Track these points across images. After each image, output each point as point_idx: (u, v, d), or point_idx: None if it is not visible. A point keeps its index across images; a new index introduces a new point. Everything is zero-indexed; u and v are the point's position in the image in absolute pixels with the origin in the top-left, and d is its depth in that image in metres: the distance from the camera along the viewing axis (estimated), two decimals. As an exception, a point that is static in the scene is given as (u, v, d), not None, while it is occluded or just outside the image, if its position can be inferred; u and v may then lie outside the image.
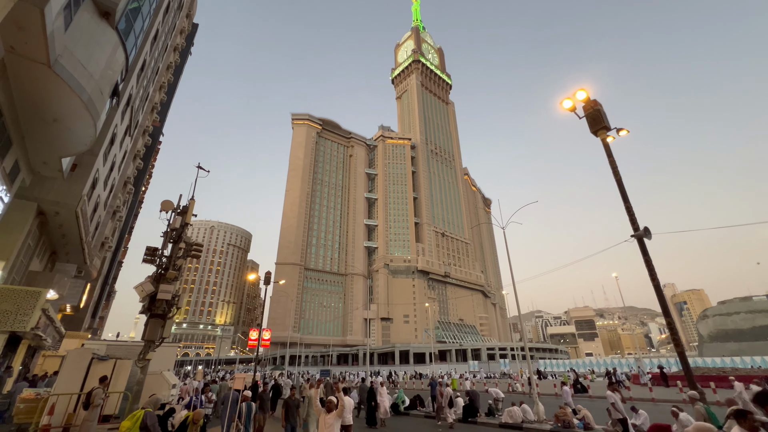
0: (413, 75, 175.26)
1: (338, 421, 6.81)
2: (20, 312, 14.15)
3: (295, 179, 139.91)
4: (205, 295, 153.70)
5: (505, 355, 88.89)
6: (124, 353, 12.87)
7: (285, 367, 46.18)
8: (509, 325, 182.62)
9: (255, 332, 30.04)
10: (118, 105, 17.32)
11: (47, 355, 21.64)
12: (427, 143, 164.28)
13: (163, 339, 10.42)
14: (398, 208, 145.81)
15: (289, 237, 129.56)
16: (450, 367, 70.64)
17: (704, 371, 30.95)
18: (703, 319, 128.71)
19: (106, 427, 10.98)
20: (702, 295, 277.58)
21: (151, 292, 10.19)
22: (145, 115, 29.56)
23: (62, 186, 15.74)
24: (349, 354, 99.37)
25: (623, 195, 12.14)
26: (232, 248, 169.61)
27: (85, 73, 10.86)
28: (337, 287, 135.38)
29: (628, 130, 12.70)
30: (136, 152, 30.27)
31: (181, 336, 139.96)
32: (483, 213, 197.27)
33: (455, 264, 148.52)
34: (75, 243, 19.76)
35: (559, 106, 13.48)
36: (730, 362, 43.94)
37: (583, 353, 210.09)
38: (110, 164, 21.07)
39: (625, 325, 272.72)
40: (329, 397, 7.07)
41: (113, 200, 26.51)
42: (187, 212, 11.51)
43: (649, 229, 11.35)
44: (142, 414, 5.73)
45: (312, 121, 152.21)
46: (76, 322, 29.02)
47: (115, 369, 11.93)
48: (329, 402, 6.97)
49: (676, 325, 11.48)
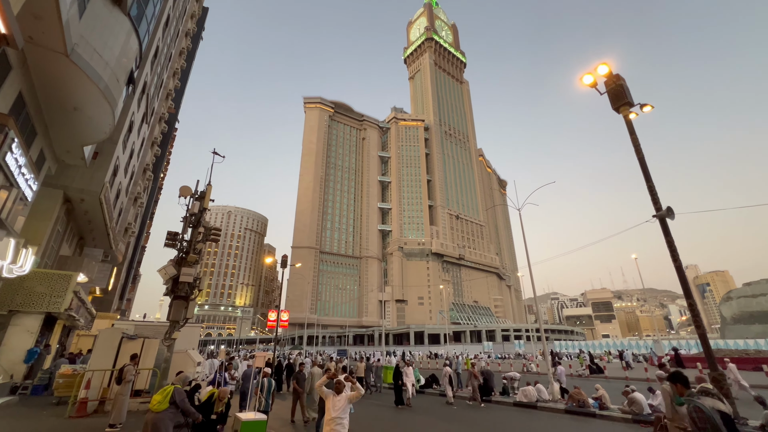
0: (426, 54, 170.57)
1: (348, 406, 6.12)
2: (54, 294, 14.97)
3: (308, 163, 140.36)
4: (224, 278, 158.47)
5: (519, 336, 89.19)
6: (151, 333, 13.50)
7: (303, 346, 47.72)
8: (524, 307, 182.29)
9: (273, 313, 30.94)
10: (134, 92, 17.56)
11: (81, 334, 22.92)
12: (440, 124, 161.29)
13: (187, 319, 10.85)
14: (412, 191, 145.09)
15: (304, 221, 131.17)
16: (465, 348, 71.47)
17: (726, 353, 30.35)
18: (726, 301, 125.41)
19: (138, 401, 11.67)
20: (726, 276, 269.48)
21: (173, 275, 10.56)
22: (160, 102, 29.91)
23: (85, 174, 16.27)
24: (365, 335, 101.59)
25: (645, 174, 11.72)
26: (249, 232, 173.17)
27: (101, 61, 11.00)
28: (352, 270, 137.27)
29: (652, 105, 12.14)
30: (153, 139, 30.83)
31: (203, 317, 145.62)
32: (498, 195, 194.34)
33: (469, 246, 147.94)
34: (100, 228, 20.54)
35: (579, 82, 12.95)
36: (754, 344, 42.91)
37: (599, 335, 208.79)
38: (129, 152, 21.57)
39: (644, 307, 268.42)
40: (338, 378, 6.44)
41: (134, 187, 27.26)
42: (204, 197, 11.74)
43: (672, 209, 10.98)
44: (172, 389, 6.03)
45: (324, 105, 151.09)
46: (106, 304, 30.50)
47: (143, 347, 12.56)
48: (338, 383, 6.31)
49: (698, 307, 11.23)
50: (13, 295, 14.18)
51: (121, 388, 9.43)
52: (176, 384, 6.44)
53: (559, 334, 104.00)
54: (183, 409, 5.94)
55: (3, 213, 9.43)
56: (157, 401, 5.88)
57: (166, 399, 5.89)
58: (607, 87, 12.34)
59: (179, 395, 5.99)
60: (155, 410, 5.88)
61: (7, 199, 9.49)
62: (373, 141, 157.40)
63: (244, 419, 6.46)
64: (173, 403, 5.89)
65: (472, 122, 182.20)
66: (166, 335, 10.51)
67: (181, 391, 6.11)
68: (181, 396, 6.02)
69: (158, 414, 5.85)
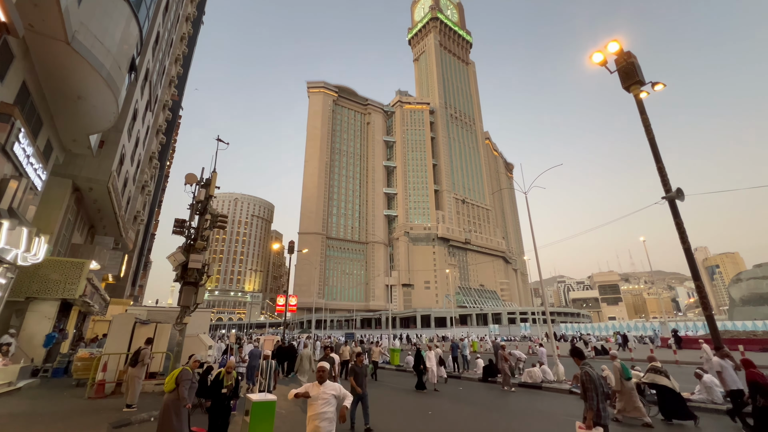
0: (431, 34, 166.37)
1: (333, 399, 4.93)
2: (68, 281, 15.36)
3: (313, 149, 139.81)
4: (233, 264, 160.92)
5: (525, 319, 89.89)
6: (164, 318, 13.85)
7: (312, 330, 48.70)
8: (530, 290, 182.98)
9: (282, 298, 31.59)
10: (136, 80, 17.48)
11: (96, 319, 23.55)
12: (446, 107, 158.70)
13: (197, 305, 11.09)
14: (417, 176, 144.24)
15: (310, 207, 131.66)
16: (471, 331, 72.30)
17: (733, 334, 30.38)
18: (736, 283, 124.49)
19: (153, 383, 12.08)
20: (737, 258, 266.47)
21: (182, 262, 10.75)
22: (163, 89, 29.78)
23: (93, 163, 16.41)
24: (372, 318, 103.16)
25: (656, 155, 11.48)
26: (256, 219, 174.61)
27: (102, 49, 10.93)
28: (358, 255, 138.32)
29: (664, 84, 11.78)
30: (158, 127, 30.86)
31: (214, 302, 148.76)
32: (505, 178, 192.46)
33: (476, 230, 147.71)
34: (110, 217, 20.86)
35: (588, 60, 12.57)
36: (762, 326, 42.77)
37: (606, 317, 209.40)
38: (135, 140, 21.65)
39: (651, 290, 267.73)
40: (320, 364, 5.32)
41: (141, 175, 27.48)
42: (210, 185, 11.81)
43: (682, 191, 10.79)
44: (179, 371, 6.30)
45: (328, 89, 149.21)
46: (119, 290, 31.27)
47: (156, 332, 12.92)
48: (320, 370, 5.15)
49: (706, 289, 11.14)
50: (30, 283, 14.58)
51: (137, 370, 9.77)
52: (186, 366, 6.65)
53: (565, 317, 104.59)
54: (179, 390, 6.08)
55: (14, 202, 9.60)
56: (167, 382, 6.20)
57: (172, 380, 6.17)
58: (618, 65, 11.98)
59: (184, 375, 6.20)
60: (167, 390, 6.18)
61: (18, 188, 9.64)
62: (378, 125, 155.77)
63: (255, 400, 6.66)
64: (178, 383, 6.15)
65: (478, 105, 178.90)
66: (178, 320, 10.79)
67: (186, 372, 6.29)
68: (186, 376, 6.21)
69: (168, 395, 6.13)
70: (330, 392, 4.94)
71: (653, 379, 9.13)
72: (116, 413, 8.90)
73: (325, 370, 5.12)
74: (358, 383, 8.44)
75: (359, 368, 8.82)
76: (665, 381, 8.92)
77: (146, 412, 8.88)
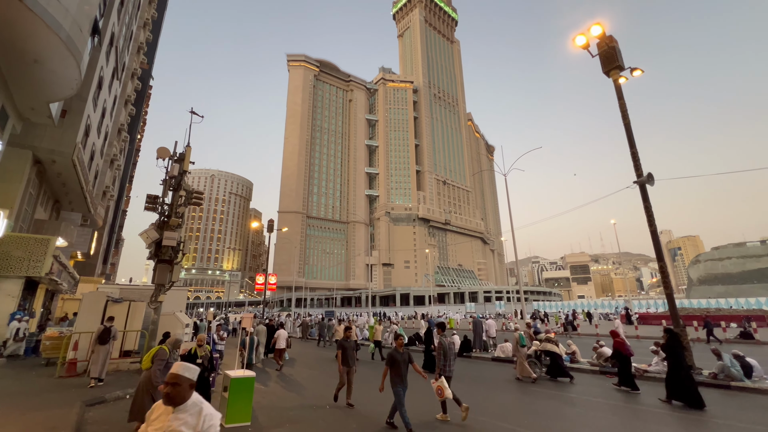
0: (416, 9, 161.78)
1: None
2: (33, 258, 14.65)
3: (293, 126, 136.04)
4: (211, 242, 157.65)
5: (500, 297, 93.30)
6: (138, 296, 13.52)
7: (292, 308, 48.96)
8: (506, 270, 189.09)
9: (261, 277, 31.36)
10: (100, 44, 16.27)
11: (66, 298, 22.80)
12: (430, 86, 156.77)
13: (173, 283, 10.86)
14: (399, 156, 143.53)
15: (290, 185, 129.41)
16: (448, 308, 74.57)
17: (689, 312, 32.62)
18: (695, 264, 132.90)
19: (128, 361, 11.92)
20: (697, 241, 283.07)
21: (156, 239, 10.42)
22: (131, 56, 27.93)
23: (55, 133, 15.37)
24: (353, 297, 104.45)
25: (630, 140, 11.81)
26: (234, 197, 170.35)
27: (60, 8, 10.03)
28: (339, 234, 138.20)
29: (642, 70, 12.00)
30: (126, 97, 29.10)
31: (191, 281, 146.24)
32: (486, 160, 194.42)
33: (456, 212, 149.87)
34: (76, 192, 19.80)
35: (571, 43, 12.60)
36: (716, 303, 46.13)
37: (575, 296, 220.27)
38: (101, 110, 20.37)
39: (618, 270, 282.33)
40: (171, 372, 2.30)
41: (109, 148, 26.06)
42: (184, 159, 11.34)
43: (653, 175, 11.22)
44: (155, 349, 6.28)
45: (309, 63, 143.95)
46: (89, 269, 30.16)
47: (129, 310, 12.63)
48: (170, 381, 2.27)
49: (668, 269, 11.84)
50: (-10, 260, 13.83)
51: (107, 347, 9.70)
52: (165, 346, 6.58)
53: (538, 295, 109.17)
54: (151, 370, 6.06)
55: (-33, 174, 8.93)
56: (145, 360, 6.18)
57: (149, 359, 6.17)
58: (599, 49, 12.07)
59: (160, 354, 6.17)
60: (144, 368, 6.17)
61: (-30, 159, 8.95)
62: (361, 103, 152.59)
63: (233, 376, 6.69)
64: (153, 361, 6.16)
65: (462, 85, 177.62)
66: (152, 298, 10.55)
67: (161, 352, 6.25)
68: (162, 356, 6.17)
69: (145, 372, 6.11)
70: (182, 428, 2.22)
71: (546, 347, 11.64)
72: (89, 391, 8.76)
73: (176, 383, 2.28)
74: (346, 359, 7.99)
75: (347, 342, 8.27)
76: (555, 348, 11.45)
77: (121, 390, 8.78)
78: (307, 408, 8.03)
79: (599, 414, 7.51)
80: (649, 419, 7.11)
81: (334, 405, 8.13)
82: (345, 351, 8.07)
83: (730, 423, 6.71)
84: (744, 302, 45.41)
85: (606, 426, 6.80)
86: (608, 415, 7.45)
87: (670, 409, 7.71)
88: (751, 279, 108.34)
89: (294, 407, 8.10)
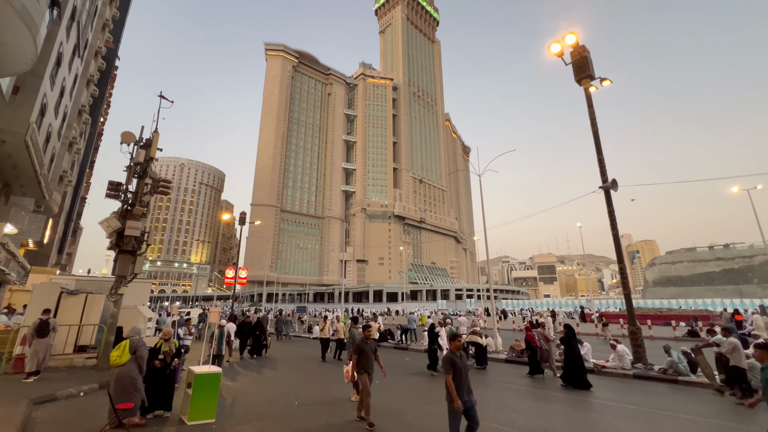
0: (398, 6, 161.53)
1: None
2: (-24, 246, 13.52)
3: (269, 117, 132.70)
4: (178, 234, 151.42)
5: (471, 295, 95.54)
6: (96, 288, 12.76)
7: (263, 304, 47.89)
8: (477, 269, 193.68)
9: (231, 271, 30.51)
10: (60, 18, 15.17)
11: (14, 289, 21.24)
12: (409, 85, 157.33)
13: (135, 275, 10.36)
14: (377, 153, 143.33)
15: (265, 178, 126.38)
16: (420, 305, 75.57)
17: (644, 311, 34.74)
18: (650, 267, 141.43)
19: (84, 357, 11.26)
20: (654, 245, 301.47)
21: (117, 228, 9.89)
22: (95, 33, 26.24)
23: (5, 111, 14.17)
24: (326, 293, 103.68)
25: (597, 147, 12.35)
26: (204, 187, 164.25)
27: (14, -26, 9.24)
28: (313, 229, 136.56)
29: (611, 80, 12.56)
30: (89, 77, 27.32)
31: (156, 273, 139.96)
32: (462, 160, 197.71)
33: (431, 210, 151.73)
34: (29, 175, 18.37)
35: (547, 50, 12.98)
36: (668, 304, 49.39)
37: (542, 295, 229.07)
38: (59, 89, 19.01)
39: (582, 271, 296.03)
40: None
41: (68, 130, 24.39)
42: (151, 146, 10.81)
43: (617, 181, 11.77)
44: (128, 342, 6.09)
45: (287, 53, 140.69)
46: (42, 258, 28.19)
47: (86, 303, 11.91)
48: None
49: (627, 271, 12.53)
50: (-75, 246, 12.62)
51: (46, 339, 9.26)
52: (132, 336, 6.37)
53: (507, 294, 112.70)
54: (138, 357, 6.01)
55: None
56: (116, 356, 5.96)
57: (125, 352, 6.00)
58: (573, 58, 12.52)
59: (136, 343, 6.03)
60: (118, 364, 5.93)
61: None
62: (340, 97, 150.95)
63: (197, 372, 6.46)
64: (133, 353, 6.01)
65: (441, 85, 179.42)
66: (112, 290, 10.03)
67: (137, 340, 6.09)
68: (138, 343, 6.05)
69: (122, 367, 5.91)
70: None
71: (472, 339, 13.08)
72: (37, 388, 8.20)
73: None
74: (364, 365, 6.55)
75: (367, 344, 6.73)
76: (480, 340, 12.89)
77: (74, 387, 8.29)
78: (276, 404, 7.90)
79: (500, 393, 9.05)
80: (541, 397, 8.69)
81: (307, 403, 7.97)
82: (363, 355, 6.65)
83: (605, 402, 8.12)
84: (692, 303, 48.86)
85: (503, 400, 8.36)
86: (510, 394, 8.94)
87: (564, 391, 9.18)
88: (699, 282, 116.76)
89: (261, 404, 7.94)
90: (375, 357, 6.78)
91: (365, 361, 6.63)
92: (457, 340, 5.29)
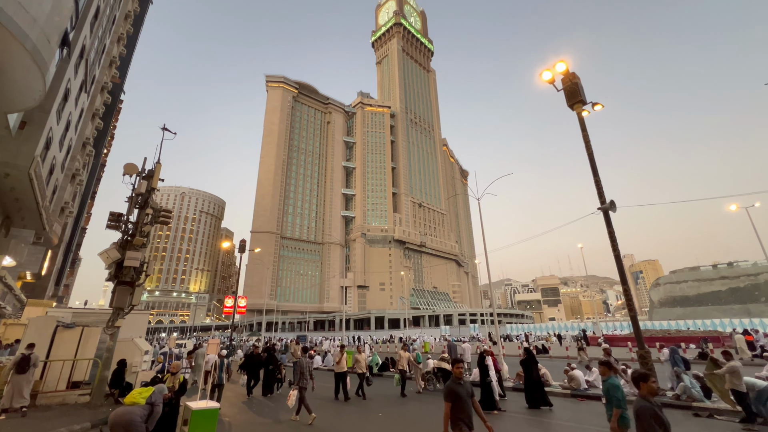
0: (394, 39, 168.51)
1: None
2: (-27, 279, 13.40)
3: (270, 145, 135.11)
4: (177, 263, 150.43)
5: (475, 320, 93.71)
6: (92, 321, 12.53)
7: (262, 333, 46.80)
8: (480, 293, 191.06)
9: (230, 299, 30.02)
10: (69, 56, 15.77)
11: (8, 323, 20.82)
12: (406, 112, 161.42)
13: (133, 306, 10.21)
14: (376, 178, 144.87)
15: (265, 205, 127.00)
16: (423, 332, 73.89)
17: (652, 333, 33.99)
18: (655, 287, 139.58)
19: (77, 393, 10.90)
20: (657, 265, 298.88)
21: (117, 259, 9.84)
22: (102, 69, 27.20)
23: (11, 145, 14.45)
24: (326, 320, 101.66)
25: (593, 169, 12.51)
26: (204, 216, 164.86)
27: (28, 17, 9.71)
28: (314, 256, 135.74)
29: (603, 105, 12.90)
30: (94, 111, 28.08)
31: (154, 303, 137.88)
32: (460, 184, 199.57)
33: (431, 234, 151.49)
34: (31, 208, 18.49)
35: (538, 78, 13.42)
36: (675, 325, 48.35)
37: (546, 318, 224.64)
38: (65, 123, 19.48)
39: (586, 293, 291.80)
40: None
41: (71, 162, 24.79)
42: (153, 176, 10.95)
43: (615, 202, 11.84)
44: (153, 390, 5.83)
45: (288, 85, 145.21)
46: (39, 290, 27.84)
47: (82, 337, 11.65)
48: None
49: (631, 292, 12.36)
50: None
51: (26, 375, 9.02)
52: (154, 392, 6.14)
53: (511, 318, 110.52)
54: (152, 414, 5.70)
55: None
56: (136, 393, 5.73)
57: (143, 397, 5.75)
58: (564, 84, 12.92)
59: (156, 399, 5.73)
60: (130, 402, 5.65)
61: None
62: (339, 125, 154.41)
63: (194, 408, 6.23)
64: (150, 404, 5.73)
65: (437, 111, 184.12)
66: (109, 323, 9.85)
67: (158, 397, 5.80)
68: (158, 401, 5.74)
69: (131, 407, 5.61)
70: None
71: (439, 365, 14.62)
72: (27, 428, 7.88)
73: None
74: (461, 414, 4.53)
75: (461, 386, 4.72)
76: (446, 366, 14.11)
77: (66, 426, 7.97)
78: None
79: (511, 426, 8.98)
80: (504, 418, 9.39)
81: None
82: (459, 402, 4.58)
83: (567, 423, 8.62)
84: (701, 324, 47.84)
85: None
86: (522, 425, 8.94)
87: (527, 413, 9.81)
88: (705, 301, 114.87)
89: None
90: (472, 404, 4.69)
91: (461, 409, 4.54)
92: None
